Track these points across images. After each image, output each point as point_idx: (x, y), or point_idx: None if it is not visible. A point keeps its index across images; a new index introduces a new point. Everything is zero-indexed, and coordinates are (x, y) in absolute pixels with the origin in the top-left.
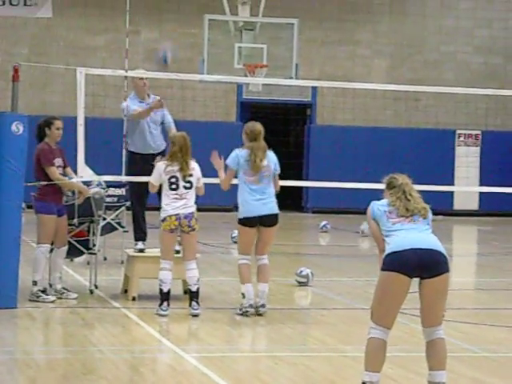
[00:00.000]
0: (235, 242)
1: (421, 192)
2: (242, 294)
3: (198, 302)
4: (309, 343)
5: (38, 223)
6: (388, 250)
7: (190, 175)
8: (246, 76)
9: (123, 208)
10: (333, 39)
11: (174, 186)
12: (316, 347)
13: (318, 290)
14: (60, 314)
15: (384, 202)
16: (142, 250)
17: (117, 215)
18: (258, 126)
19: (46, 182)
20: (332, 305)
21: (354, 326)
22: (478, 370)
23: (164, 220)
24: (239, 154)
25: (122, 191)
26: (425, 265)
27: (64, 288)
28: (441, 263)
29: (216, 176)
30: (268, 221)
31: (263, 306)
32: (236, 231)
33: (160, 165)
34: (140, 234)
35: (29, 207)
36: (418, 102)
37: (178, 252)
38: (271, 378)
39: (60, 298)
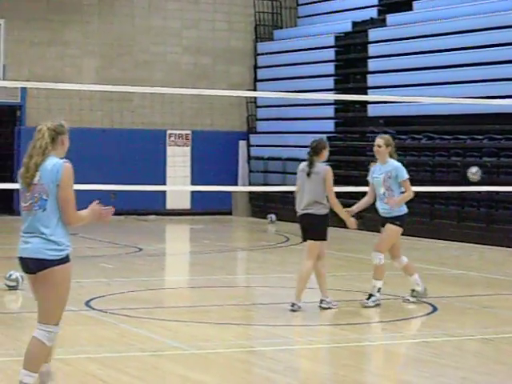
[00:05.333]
0: None
1: (134, 192)
2: None
3: None
4: (20, 348)
5: None
6: None
7: None
8: None
9: None
10: (41, 39)
11: None
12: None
13: (28, 294)
14: None
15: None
16: None
17: None
18: None
19: None
20: None
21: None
22: (187, 368)
23: None
24: None
25: None
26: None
27: None
28: (41, 262)
29: None
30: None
31: None
32: None
33: None
34: None
35: None
36: (130, 103)
37: None
38: None
39: None
